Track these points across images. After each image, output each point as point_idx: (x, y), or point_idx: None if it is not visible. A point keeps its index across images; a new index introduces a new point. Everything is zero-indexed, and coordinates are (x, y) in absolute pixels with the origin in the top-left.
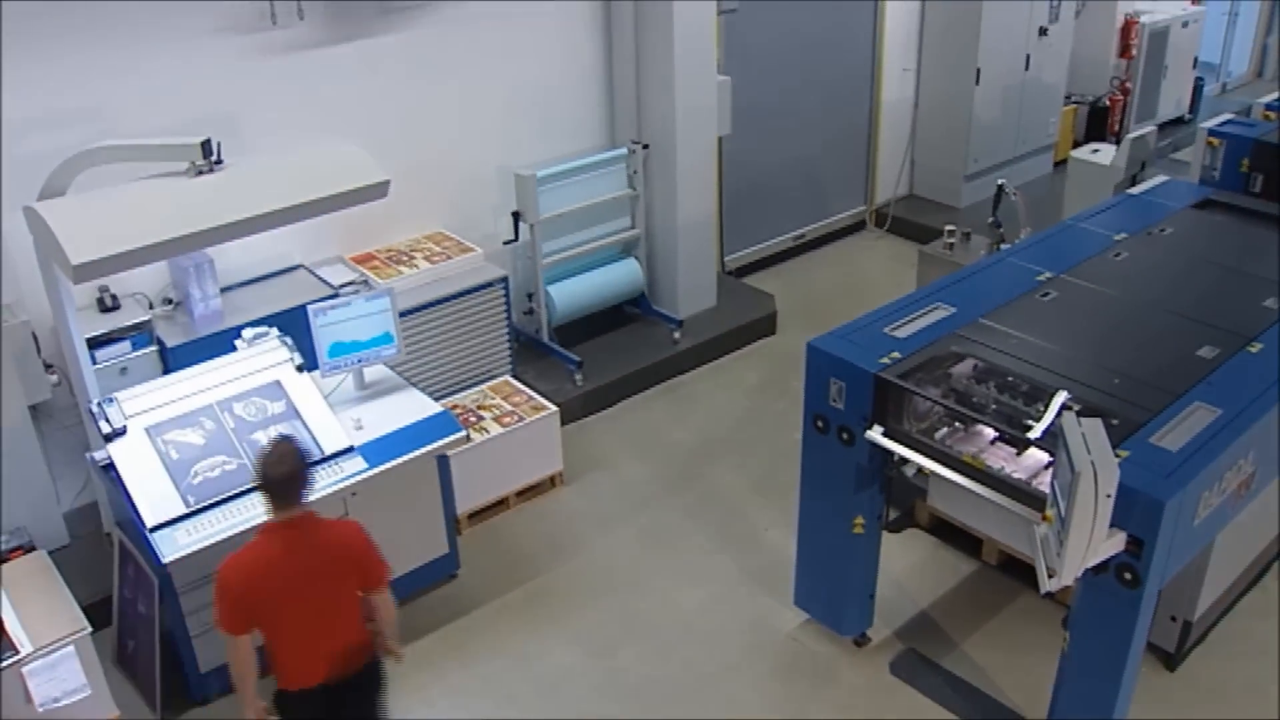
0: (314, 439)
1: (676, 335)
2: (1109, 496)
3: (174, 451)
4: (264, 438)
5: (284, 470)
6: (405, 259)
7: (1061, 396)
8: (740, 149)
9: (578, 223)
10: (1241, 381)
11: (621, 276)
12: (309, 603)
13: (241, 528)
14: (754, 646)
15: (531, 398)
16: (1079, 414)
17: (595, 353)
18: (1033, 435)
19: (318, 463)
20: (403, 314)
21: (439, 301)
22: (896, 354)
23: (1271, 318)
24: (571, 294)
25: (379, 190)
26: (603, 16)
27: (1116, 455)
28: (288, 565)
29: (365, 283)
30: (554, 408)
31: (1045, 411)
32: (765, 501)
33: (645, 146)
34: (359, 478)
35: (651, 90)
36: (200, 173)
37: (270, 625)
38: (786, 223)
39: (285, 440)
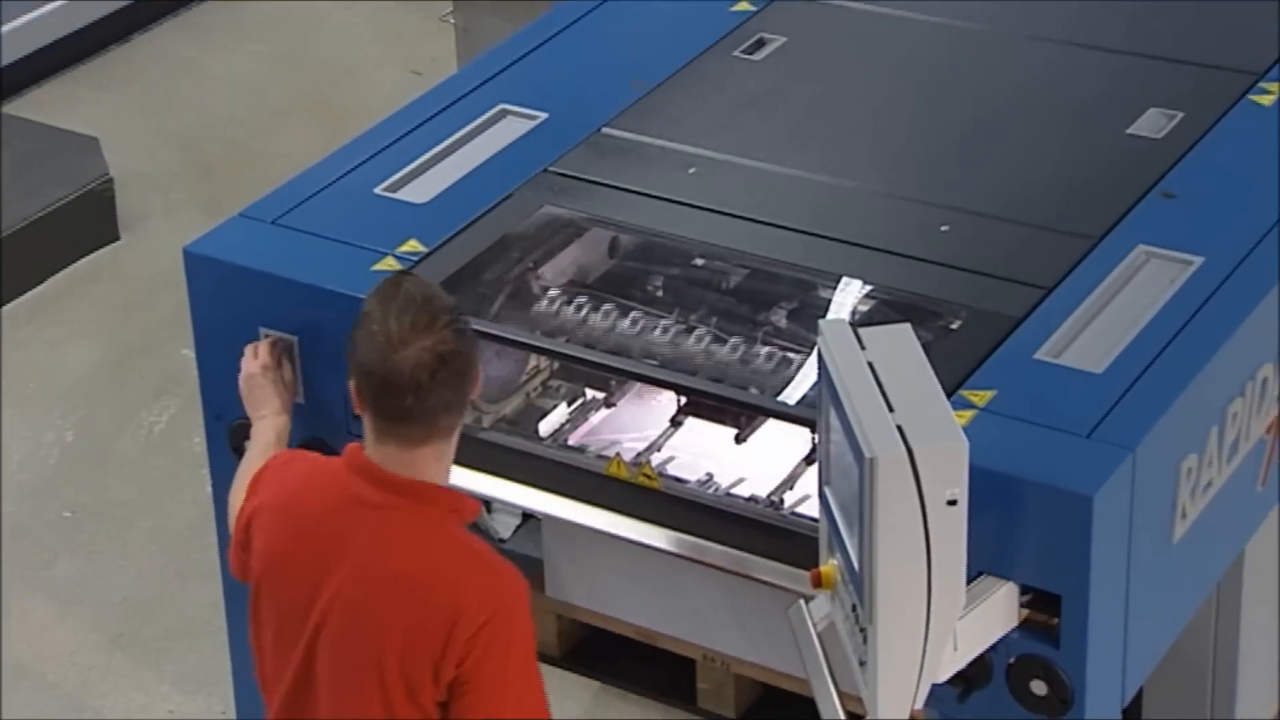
0: None
1: None
2: (952, 504)
3: None
4: None
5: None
6: None
7: (853, 290)
8: None
9: None
10: (1238, 181)
11: None
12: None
13: None
14: None
15: None
16: (858, 322)
17: None
18: (787, 398)
19: None
20: None
21: None
22: (416, 244)
23: None
24: None
25: None
26: None
27: (966, 403)
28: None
29: None
30: None
31: (811, 327)
32: (156, 670)
33: None
34: None
35: None
36: None
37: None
38: None
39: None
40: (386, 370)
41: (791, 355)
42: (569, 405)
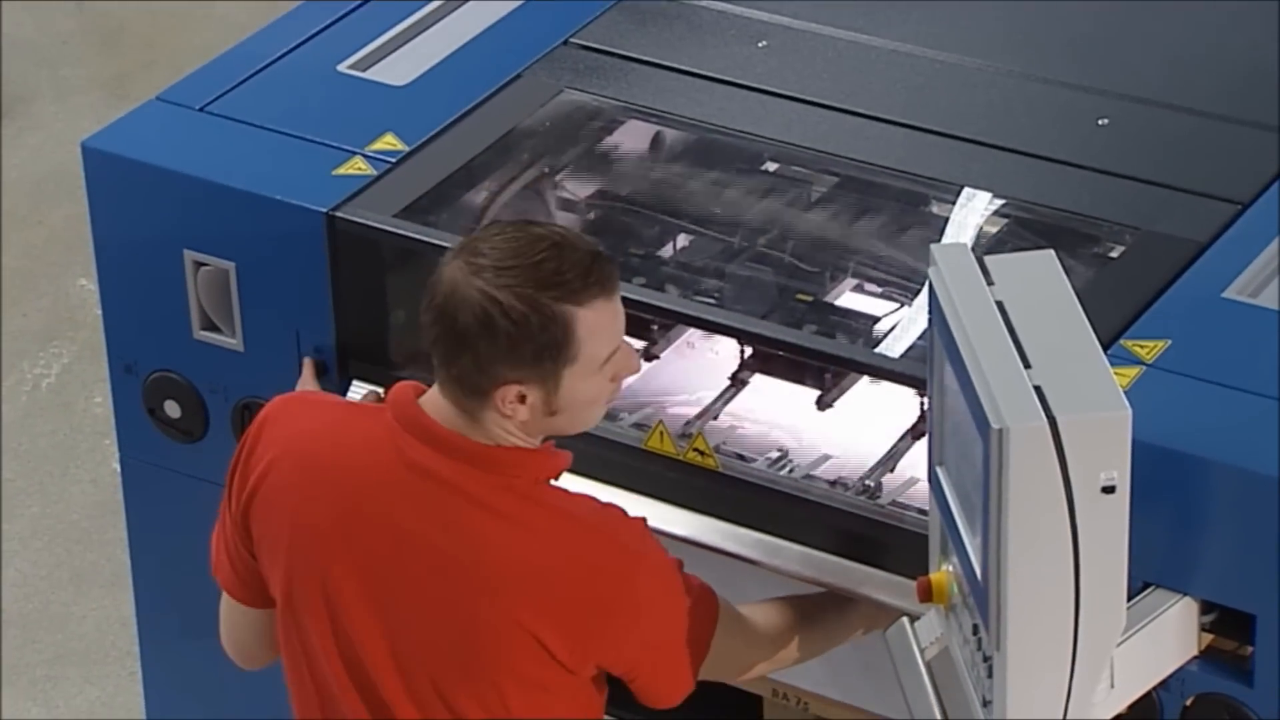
0: None
1: None
2: (1109, 492)
3: None
4: None
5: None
6: None
7: (978, 205)
8: None
9: None
10: None
11: None
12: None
13: None
14: None
15: None
16: (984, 248)
17: None
18: (887, 350)
19: None
20: None
21: None
22: (394, 139)
23: None
24: None
25: None
26: None
27: (1129, 357)
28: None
29: None
30: None
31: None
32: (44, 706)
33: None
34: None
35: None
36: None
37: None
38: None
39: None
40: None
41: (893, 292)
42: None
